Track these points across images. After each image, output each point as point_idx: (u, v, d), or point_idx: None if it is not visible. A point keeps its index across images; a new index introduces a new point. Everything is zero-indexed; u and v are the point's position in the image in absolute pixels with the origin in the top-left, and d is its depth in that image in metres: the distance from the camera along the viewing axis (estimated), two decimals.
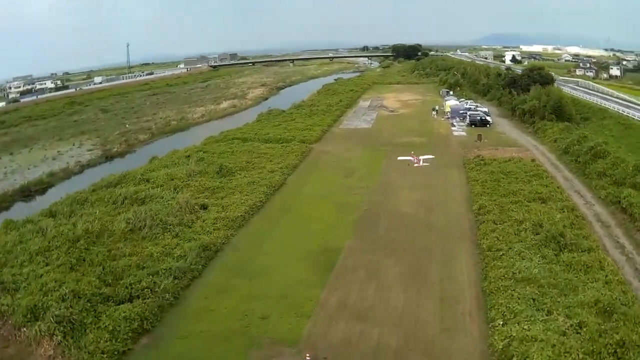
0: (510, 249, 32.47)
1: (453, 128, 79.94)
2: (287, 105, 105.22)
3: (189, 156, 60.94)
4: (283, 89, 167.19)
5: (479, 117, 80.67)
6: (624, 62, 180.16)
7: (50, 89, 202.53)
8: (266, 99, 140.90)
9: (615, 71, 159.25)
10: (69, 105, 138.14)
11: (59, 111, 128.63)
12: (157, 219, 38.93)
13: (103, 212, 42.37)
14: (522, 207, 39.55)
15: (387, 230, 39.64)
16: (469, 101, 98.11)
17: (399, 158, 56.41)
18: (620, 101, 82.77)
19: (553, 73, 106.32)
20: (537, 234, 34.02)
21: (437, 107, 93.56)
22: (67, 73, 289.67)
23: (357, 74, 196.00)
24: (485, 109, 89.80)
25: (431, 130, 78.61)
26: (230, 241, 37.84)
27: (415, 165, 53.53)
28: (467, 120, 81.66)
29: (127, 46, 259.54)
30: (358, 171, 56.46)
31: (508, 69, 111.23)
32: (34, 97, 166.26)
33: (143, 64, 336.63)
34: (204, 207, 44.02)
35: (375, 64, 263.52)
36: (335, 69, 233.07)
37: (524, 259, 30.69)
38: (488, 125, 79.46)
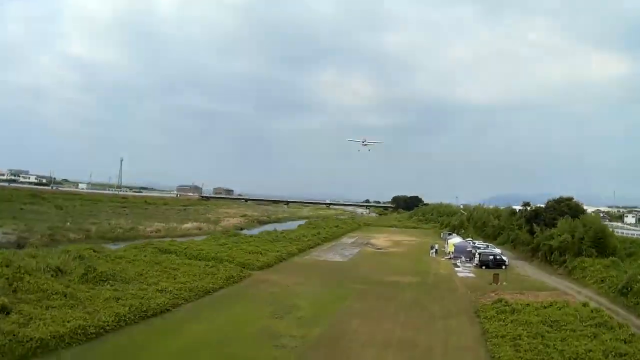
0: None
1: (457, 269, 58.04)
2: None
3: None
4: (266, 223, 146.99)
5: (492, 256, 58.93)
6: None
7: (31, 182, 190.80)
8: (241, 229, 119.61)
9: (630, 219, 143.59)
10: (30, 196, 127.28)
11: (15, 199, 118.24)
12: None
13: None
14: None
15: None
16: (476, 241, 76.94)
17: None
18: None
19: None
20: None
21: (436, 246, 72.11)
22: (65, 180, 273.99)
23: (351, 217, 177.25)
24: (499, 250, 68.48)
25: (427, 269, 56.66)
26: None
27: None
28: (476, 261, 59.86)
29: (121, 161, 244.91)
30: (300, 311, 34.07)
31: (526, 204, 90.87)
32: (5, 184, 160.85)
33: (142, 188, 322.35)
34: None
35: (374, 214, 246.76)
36: (331, 214, 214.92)
37: None
38: (504, 267, 57.55)
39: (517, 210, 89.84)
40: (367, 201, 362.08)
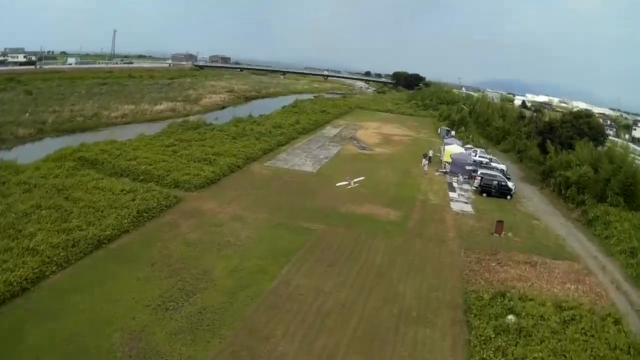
0: None
1: (452, 195, 45.75)
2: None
3: None
4: (254, 99, 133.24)
5: (496, 181, 46.66)
6: None
7: (19, 62, 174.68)
8: (222, 108, 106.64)
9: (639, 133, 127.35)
10: (5, 81, 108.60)
11: None
12: None
13: None
14: None
15: None
16: (478, 150, 64.37)
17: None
18: None
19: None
20: None
21: (430, 153, 59.31)
22: (64, 52, 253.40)
23: (347, 95, 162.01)
24: (503, 166, 56.29)
25: (414, 194, 44.27)
26: None
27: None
28: (477, 183, 47.73)
29: (114, 32, 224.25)
30: (207, 290, 22.51)
31: (537, 110, 77.34)
32: None
33: (139, 56, 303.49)
34: None
35: (372, 90, 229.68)
36: (327, 88, 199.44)
37: None
38: (509, 197, 45.69)
39: (525, 114, 76.25)
40: (368, 74, 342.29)
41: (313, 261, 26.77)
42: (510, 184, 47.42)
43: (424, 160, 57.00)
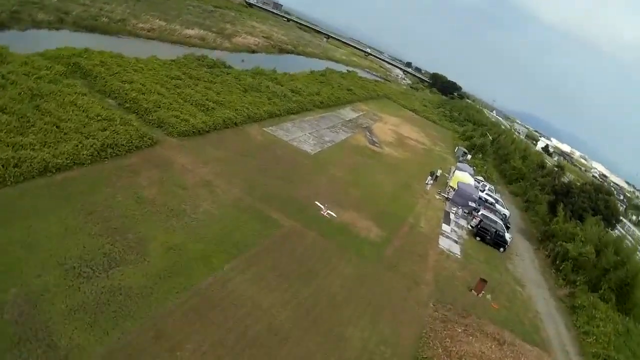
0: None
1: (444, 228, 42.14)
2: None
3: None
4: (288, 53, 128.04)
5: (494, 229, 43.04)
6: None
7: None
8: (253, 52, 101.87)
9: None
10: None
11: None
12: None
13: None
14: None
15: None
16: (487, 185, 60.63)
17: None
18: None
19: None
20: None
21: (437, 172, 55.54)
22: None
23: (380, 80, 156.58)
24: (507, 212, 52.73)
25: (405, 215, 40.61)
26: None
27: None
28: (474, 223, 44.20)
29: None
30: (133, 264, 18.97)
31: (558, 166, 73.32)
32: None
33: None
34: None
35: (408, 82, 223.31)
36: (365, 65, 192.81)
37: None
38: (502, 249, 42.23)
39: (546, 165, 72.19)
40: (409, 65, 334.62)
41: (266, 264, 23.42)
42: (507, 236, 43.85)
43: (429, 177, 53.29)
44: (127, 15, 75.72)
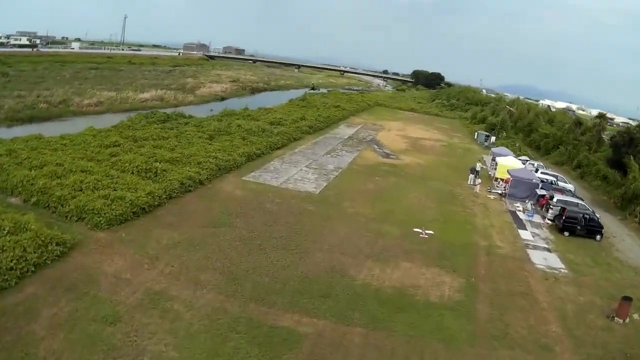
0: None
1: (524, 235, 29.45)
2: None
3: None
4: (262, 91, 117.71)
5: (581, 215, 30.42)
6: None
7: (20, 44, 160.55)
8: (222, 99, 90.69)
9: None
10: None
11: None
12: None
13: None
14: None
15: None
16: (535, 163, 48.37)
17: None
18: None
19: None
20: None
21: (478, 167, 42.94)
22: (78, 39, 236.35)
23: (365, 90, 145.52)
24: (571, 187, 40.57)
25: (471, 238, 27.67)
26: None
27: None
28: (551, 214, 31.82)
29: (125, 18, 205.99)
30: None
31: (601, 117, 60.94)
32: None
33: (153, 45, 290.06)
34: None
35: (391, 87, 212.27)
36: (343, 83, 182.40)
37: None
38: (599, 237, 29.69)
39: (581, 121, 60.54)
40: (386, 72, 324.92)
41: None
42: (596, 216, 31.57)
43: (471, 176, 40.75)
44: (69, 95, 67.20)
